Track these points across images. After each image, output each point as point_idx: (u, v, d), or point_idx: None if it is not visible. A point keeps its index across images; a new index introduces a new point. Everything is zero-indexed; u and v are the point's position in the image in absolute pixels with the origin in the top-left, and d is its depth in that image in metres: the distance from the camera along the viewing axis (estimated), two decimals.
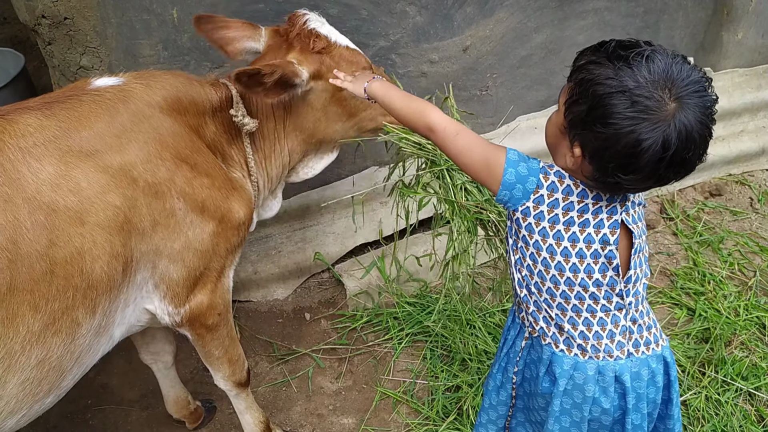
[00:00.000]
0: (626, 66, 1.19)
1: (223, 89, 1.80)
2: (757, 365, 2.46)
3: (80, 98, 1.49)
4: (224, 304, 1.78)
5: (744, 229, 3.22)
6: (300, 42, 1.82)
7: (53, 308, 1.32)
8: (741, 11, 3.23)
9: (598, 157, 1.24)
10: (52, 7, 2.08)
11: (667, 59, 1.20)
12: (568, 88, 1.31)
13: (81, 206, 1.36)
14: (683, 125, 1.17)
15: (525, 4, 2.78)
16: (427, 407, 2.36)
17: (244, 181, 1.86)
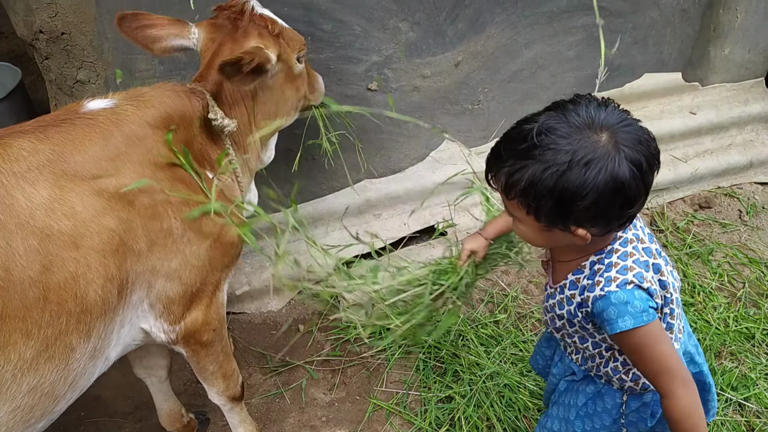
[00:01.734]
0: (544, 150, 1.19)
1: (200, 95, 1.79)
2: (746, 376, 2.49)
3: (74, 122, 1.48)
4: (219, 320, 1.78)
5: (733, 241, 3.26)
6: (256, 28, 1.82)
7: (46, 334, 1.30)
8: (727, 27, 3.29)
9: (600, 218, 1.24)
10: (50, 22, 2.11)
11: (555, 115, 1.23)
12: (517, 204, 1.28)
13: (75, 230, 1.35)
14: (628, 139, 1.20)
15: (515, 21, 2.83)
16: (419, 418, 2.37)
17: (233, 186, 1.86)
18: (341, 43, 2.54)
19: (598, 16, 1.28)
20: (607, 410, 1.54)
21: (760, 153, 3.60)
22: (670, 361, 1.31)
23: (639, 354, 1.32)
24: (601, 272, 1.33)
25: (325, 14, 2.43)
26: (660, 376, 1.31)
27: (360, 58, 2.61)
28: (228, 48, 1.83)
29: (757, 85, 3.64)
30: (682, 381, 1.31)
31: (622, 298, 1.28)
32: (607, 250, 1.35)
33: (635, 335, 1.28)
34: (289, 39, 1.94)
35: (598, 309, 1.31)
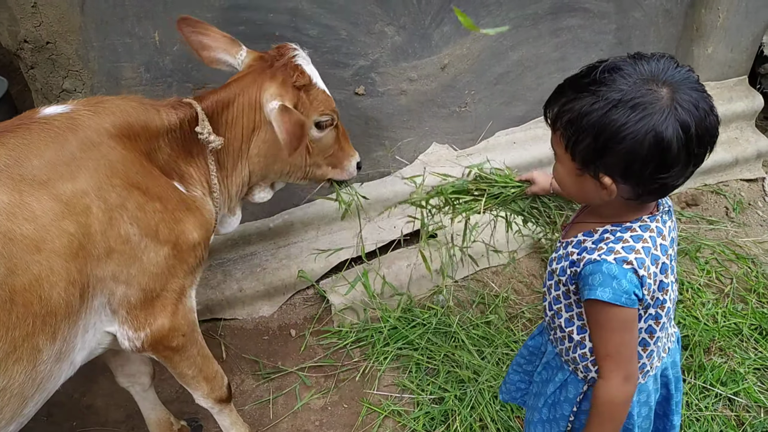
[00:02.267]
0: (600, 85, 1.19)
1: (185, 109, 1.80)
2: (735, 371, 2.51)
3: (29, 127, 1.48)
4: (188, 324, 1.77)
5: (720, 237, 3.29)
6: (283, 73, 1.87)
7: (14, 336, 1.31)
8: (710, 27, 3.34)
9: (631, 173, 1.21)
10: (35, 31, 2.11)
11: (627, 60, 1.21)
12: (559, 137, 1.28)
13: (37, 234, 1.36)
14: (686, 101, 1.16)
15: (501, 23, 2.86)
16: (413, 421, 2.37)
17: (203, 200, 1.86)
18: (327, 48, 2.55)
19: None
20: (569, 399, 1.53)
21: (744, 150, 3.65)
22: (624, 351, 1.33)
23: (600, 330, 1.34)
24: (608, 241, 1.31)
25: (310, 19, 2.44)
26: (607, 358, 1.34)
27: (347, 63, 2.62)
28: (249, 78, 1.89)
29: (740, 83, 3.69)
30: (625, 374, 1.34)
31: (614, 271, 1.26)
32: (625, 225, 1.33)
33: (605, 311, 1.29)
34: (314, 99, 1.94)
35: (586, 271, 1.30)
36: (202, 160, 1.87)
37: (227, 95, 1.87)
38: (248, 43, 2.40)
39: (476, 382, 2.45)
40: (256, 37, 2.39)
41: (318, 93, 1.94)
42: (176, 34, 2.27)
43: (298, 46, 1.96)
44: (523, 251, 3.18)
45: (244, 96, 1.87)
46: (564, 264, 1.41)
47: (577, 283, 1.37)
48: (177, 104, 1.81)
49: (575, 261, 1.36)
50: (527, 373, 1.78)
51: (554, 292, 1.48)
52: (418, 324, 2.73)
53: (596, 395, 1.38)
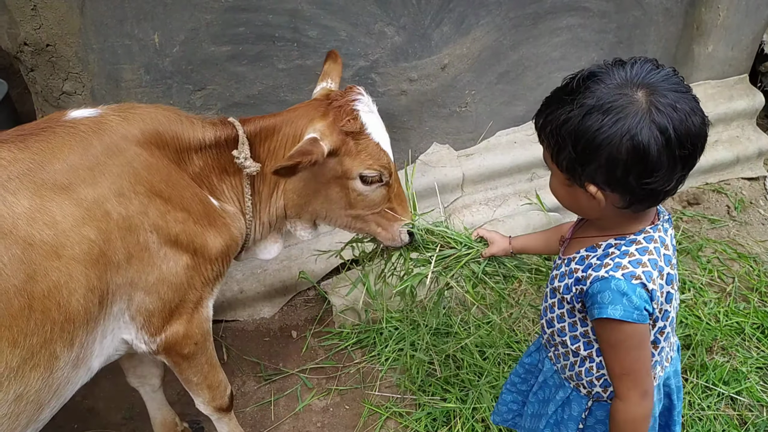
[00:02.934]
0: (577, 94, 1.18)
1: (226, 128, 1.78)
2: (738, 370, 2.51)
3: (54, 130, 1.48)
4: (201, 334, 1.78)
5: (722, 236, 3.28)
6: (335, 115, 1.79)
7: (32, 343, 1.30)
8: (710, 25, 3.33)
9: (614, 180, 1.19)
10: (34, 34, 2.11)
11: (604, 66, 1.21)
12: (545, 148, 1.29)
13: (57, 240, 1.35)
14: (663, 103, 1.13)
15: (500, 23, 2.85)
16: (415, 422, 2.37)
17: (235, 217, 1.83)
18: (328, 49, 2.53)
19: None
20: (573, 417, 1.51)
21: (746, 149, 3.64)
22: (639, 368, 1.29)
23: (613, 349, 1.30)
24: (613, 256, 1.28)
25: (310, 20, 2.44)
26: (623, 377, 1.30)
27: (347, 64, 2.62)
28: (303, 110, 1.85)
29: (741, 82, 3.68)
30: (642, 390, 1.31)
31: (623, 287, 1.23)
32: (629, 238, 1.30)
33: (618, 329, 1.26)
34: (363, 150, 1.81)
35: (594, 289, 1.27)
36: (237, 180, 1.85)
37: (274, 123, 1.83)
38: (248, 45, 2.41)
39: (478, 383, 2.44)
40: (255, 39, 2.39)
41: (368, 144, 1.82)
42: (176, 35, 2.28)
43: (364, 92, 1.88)
44: None
45: (290, 127, 1.82)
46: (568, 281, 1.38)
47: (583, 301, 1.34)
48: (219, 122, 1.79)
49: (580, 278, 1.33)
50: (521, 393, 1.75)
51: (557, 311, 1.45)
52: (419, 325, 2.72)
53: (616, 416, 1.34)
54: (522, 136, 3.25)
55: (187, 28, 2.28)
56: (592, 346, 1.42)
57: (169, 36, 2.27)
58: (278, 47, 2.45)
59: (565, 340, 1.46)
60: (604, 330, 1.30)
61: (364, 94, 1.86)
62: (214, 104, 2.51)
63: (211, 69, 2.40)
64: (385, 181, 1.88)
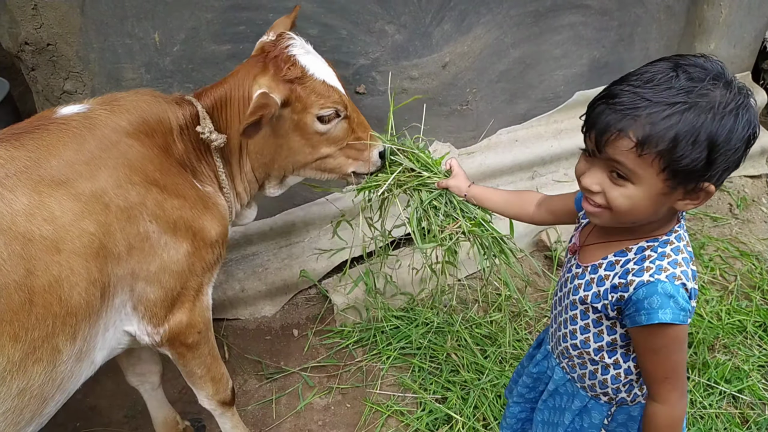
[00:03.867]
0: (695, 94, 1.11)
1: (187, 106, 1.80)
2: (739, 368, 2.50)
3: (47, 127, 1.49)
4: (204, 322, 1.79)
5: (724, 234, 3.28)
6: (275, 66, 1.79)
7: (33, 337, 1.31)
8: (712, 23, 3.32)
9: (726, 170, 1.16)
10: (35, 33, 2.11)
11: (692, 60, 1.16)
12: (651, 161, 1.14)
13: (56, 235, 1.36)
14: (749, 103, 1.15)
15: (501, 21, 2.85)
16: (416, 420, 2.37)
17: (216, 196, 1.86)
18: (328, 48, 2.54)
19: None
20: (595, 425, 1.49)
21: None
22: (680, 370, 1.28)
23: (656, 354, 1.27)
24: (652, 259, 1.25)
25: (311, 19, 2.44)
26: (665, 381, 1.29)
27: (347, 62, 2.62)
28: (243, 71, 1.84)
29: (743, 80, 3.66)
30: (681, 391, 1.29)
31: (669, 290, 1.21)
32: (663, 240, 1.28)
33: (666, 333, 1.23)
34: (311, 92, 1.81)
35: (640, 295, 1.23)
36: (210, 158, 1.86)
37: (224, 91, 1.84)
38: (249, 44, 2.40)
39: (479, 381, 2.44)
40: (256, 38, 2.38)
41: (315, 85, 1.82)
42: (176, 34, 2.28)
43: (295, 35, 1.87)
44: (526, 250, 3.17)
45: (238, 91, 1.83)
46: (598, 290, 1.33)
47: (620, 309, 1.30)
48: (180, 101, 1.81)
49: (618, 285, 1.28)
50: (529, 402, 1.72)
51: (581, 322, 1.41)
52: (420, 323, 2.72)
53: (656, 420, 1.32)
54: (524, 134, 3.24)
55: (188, 27, 2.28)
56: (616, 353, 1.39)
57: (170, 35, 2.27)
58: None
59: (588, 350, 1.42)
60: (650, 336, 1.26)
61: (296, 37, 1.86)
62: None
63: (212, 68, 2.40)
64: (343, 115, 1.90)
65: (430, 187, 1.91)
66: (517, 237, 3.14)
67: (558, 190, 3.24)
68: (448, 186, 1.88)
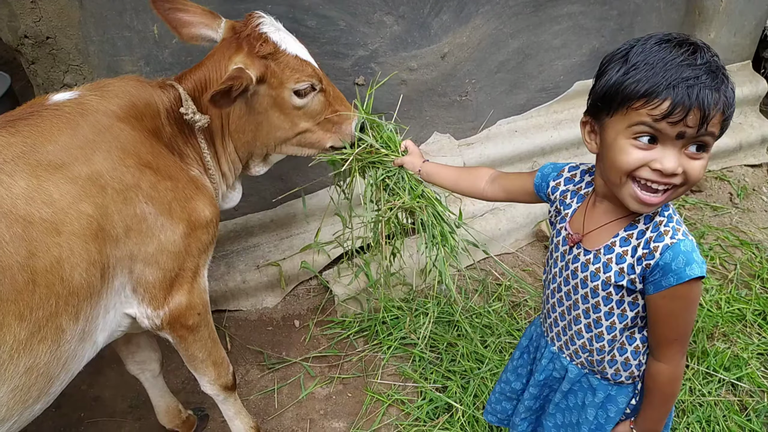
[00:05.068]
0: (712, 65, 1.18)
1: (170, 90, 1.83)
2: (738, 356, 2.51)
3: (41, 114, 1.52)
4: (203, 304, 1.82)
5: (724, 223, 3.28)
6: (248, 44, 1.82)
7: (38, 316, 1.35)
8: (712, 11, 3.31)
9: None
10: (34, 27, 2.12)
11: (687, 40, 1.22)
12: (716, 129, 1.21)
13: (55, 217, 1.39)
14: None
15: (500, 11, 2.84)
16: (417, 409, 2.39)
17: (203, 178, 1.89)
18: (327, 39, 2.55)
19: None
20: (620, 410, 1.49)
21: (749, 136, 3.62)
22: (688, 330, 1.32)
23: (674, 317, 1.30)
24: (664, 223, 1.28)
25: (309, 10, 2.44)
26: (675, 343, 1.32)
27: (346, 53, 2.62)
28: (218, 53, 1.87)
29: (744, 68, 3.66)
30: (684, 352, 1.35)
31: (690, 246, 1.25)
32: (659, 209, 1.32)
33: (691, 289, 1.25)
34: (285, 66, 1.86)
35: (667, 258, 1.25)
36: (194, 141, 1.90)
37: (203, 73, 1.87)
38: None
39: (479, 370, 2.46)
40: None
41: (288, 60, 1.86)
42: None
43: (264, 14, 1.90)
44: (525, 240, 3.18)
45: (215, 72, 1.86)
46: (617, 268, 1.33)
47: (645, 278, 1.31)
48: (163, 85, 1.84)
49: (643, 255, 1.29)
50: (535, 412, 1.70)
51: (604, 307, 1.40)
52: (420, 313, 2.74)
53: (660, 379, 1.37)
54: (523, 124, 3.24)
55: None
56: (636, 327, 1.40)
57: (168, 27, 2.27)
58: None
59: (614, 334, 1.42)
60: (673, 298, 1.28)
61: (265, 16, 1.89)
62: None
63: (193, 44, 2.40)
64: (318, 88, 1.93)
65: (387, 165, 1.99)
66: (516, 227, 3.17)
67: None
68: (403, 163, 1.95)
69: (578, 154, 3.34)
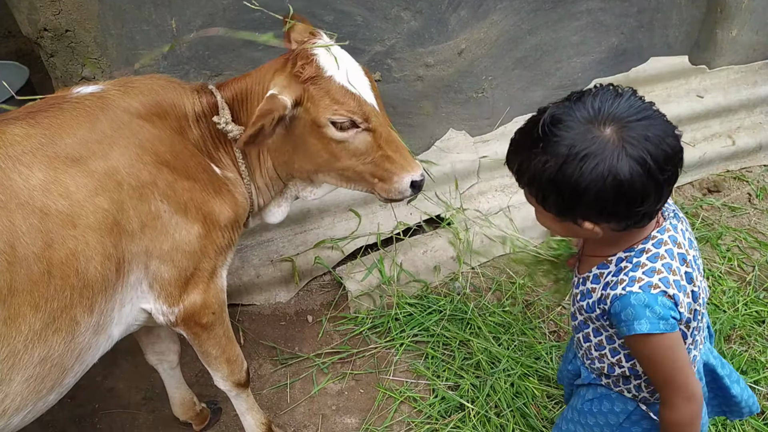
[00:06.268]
0: (547, 142, 1.19)
1: (207, 95, 1.80)
2: (756, 359, 2.48)
3: (62, 106, 1.53)
4: (218, 304, 1.81)
5: (742, 224, 3.23)
6: (293, 63, 1.73)
7: (52, 307, 1.36)
8: (734, 9, 3.25)
9: (607, 213, 1.21)
10: (54, 20, 2.13)
11: (565, 105, 1.21)
12: (528, 193, 1.32)
13: (72, 209, 1.40)
14: (634, 136, 1.15)
15: (518, 7, 2.82)
16: (429, 407, 2.38)
17: (236, 183, 1.86)
18: (343, 34, 2.52)
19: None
20: (615, 413, 1.51)
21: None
22: (678, 374, 1.28)
23: (649, 361, 1.29)
24: (626, 270, 1.28)
25: (326, 5, 2.43)
26: (665, 386, 1.31)
27: (363, 49, 2.61)
28: (266, 68, 1.82)
29: (765, 67, 3.59)
30: (686, 395, 1.30)
31: (643, 300, 1.23)
32: (638, 249, 1.30)
33: (649, 343, 1.24)
34: (325, 94, 1.70)
35: (615, 309, 1.27)
36: (228, 146, 1.86)
37: (246, 84, 1.83)
38: (264, 30, 2.40)
39: (492, 369, 2.45)
40: (272, 24, 2.39)
41: (330, 88, 1.71)
42: (193, 21, 2.28)
43: (324, 34, 1.78)
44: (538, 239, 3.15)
45: (258, 85, 1.81)
46: (589, 301, 1.38)
47: (610, 320, 1.33)
48: (201, 89, 1.82)
49: (601, 298, 1.33)
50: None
51: (591, 326, 1.44)
52: (434, 311, 2.73)
53: (664, 423, 1.36)
54: None
55: (204, 14, 2.28)
56: (618, 354, 1.41)
57: (186, 21, 2.28)
58: None
59: (605, 353, 1.45)
60: (636, 345, 1.29)
61: (323, 35, 1.79)
62: None
63: (228, 54, 2.41)
64: (363, 126, 1.75)
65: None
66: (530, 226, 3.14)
67: None
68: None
69: None
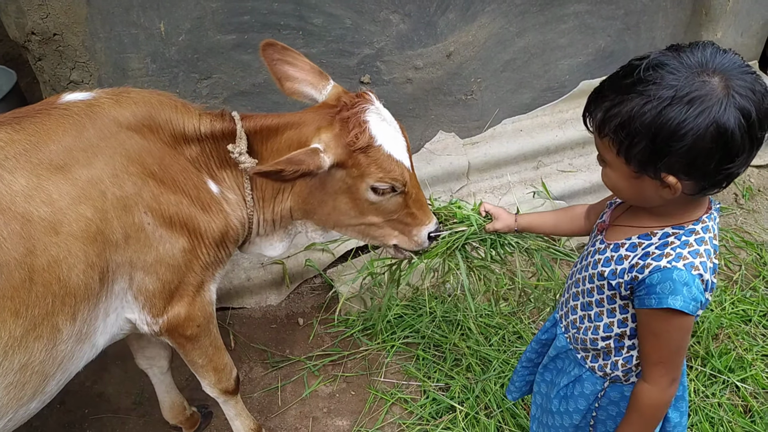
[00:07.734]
0: (647, 84, 1.14)
1: (225, 121, 1.75)
2: (743, 358, 2.51)
3: (49, 113, 1.52)
4: (204, 317, 1.80)
5: (729, 224, 3.27)
6: (342, 126, 1.69)
7: (34, 314, 1.36)
8: (719, 11, 3.29)
9: (695, 168, 1.16)
10: (41, 23, 2.12)
11: (669, 54, 1.17)
12: (608, 143, 1.23)
13: (54, 217, 1.39)
14: (742, 86, 1.12)
15: (506, 10, 2.84)
16: (419, 408, 2.39)
17: (236, 204, 1.82)
18: (333, 37, 2.55)
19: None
20: (585, 396, 1.53)
21: None
22: (677, 358, 1.30)
23: (657, 338, 1.29)
24: (674, 246, 1.26)
25: (315, 8, 2.44)
26: (659, 365, 1.31)
27: (352, 52, 2.62)
28: (311, 115, 1.77)
29: None
30: (673, 377, 1.32)
31: (684, 278, 1.21)
32: (688, 228, 1.28)
33: (672, 319, 1.24)
34: (373, 162, 1.70)
35: (653, 279, 1.24)
36: (238, 172, 1.82)
37: (277, 123, 1.77)
38: (253, 33, 2.41)
39: (483, 370, 2.46)
40: (261, 27, 2.40)
41: (379, 157, 1.71)
42: (181, 24, 2.28)
43: (375, 97, 1.78)
44: None
45: (297, 132, 1.75)
46: (616, 267, 1.35)
47: (633, 288, 1.32)
48: (218, 114, 1.78)
49: (635, 266, 1.30)
50: (536, 366, 1.77)
51: (597, 296, 1.43)
52: (424, 312, 2.74)
53: (641, 399, 1.35)
54: (528, 123, 3.24)
55: (193, 17, 2.29)
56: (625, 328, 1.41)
57: (175, 24, 2.28)
58: (283, 35, 2.45)
59: (599, 325, 1.45)
60: (655, 319, 1.28)
61: (375, 101, 1.77)
62: (220, 93, 2.52)
63: (217, 57, 2.41)
64: (400, 190, 1.79)
65: (475, 239, 1.96)
66: None
67: (563, 180, 3.24)
68: (496, 230, 1.89)
69: (583, 154, 3.34)
